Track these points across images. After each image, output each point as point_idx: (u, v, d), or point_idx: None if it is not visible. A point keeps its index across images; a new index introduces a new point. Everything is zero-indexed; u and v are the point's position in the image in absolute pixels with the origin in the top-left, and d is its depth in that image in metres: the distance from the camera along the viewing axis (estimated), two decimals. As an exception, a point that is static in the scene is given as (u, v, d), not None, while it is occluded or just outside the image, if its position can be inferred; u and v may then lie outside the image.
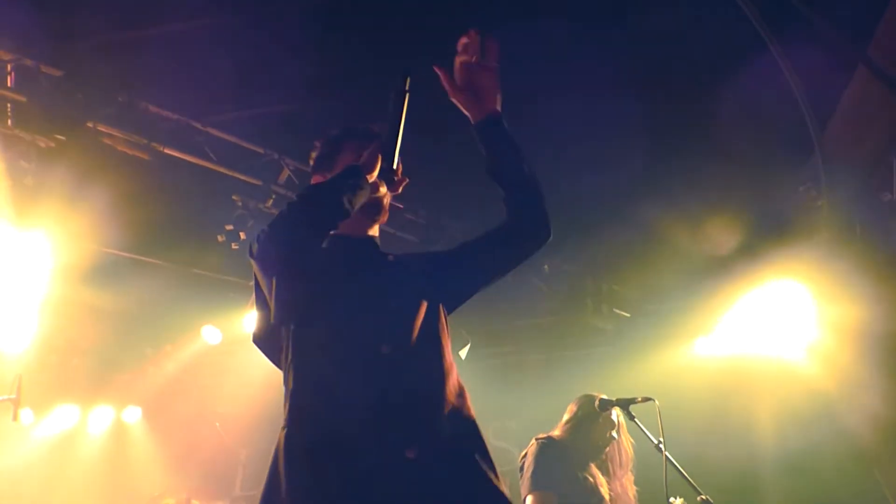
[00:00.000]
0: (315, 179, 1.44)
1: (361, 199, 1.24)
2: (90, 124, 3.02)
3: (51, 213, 3.26)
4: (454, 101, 1.39)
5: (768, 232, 4.15)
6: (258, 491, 1.17)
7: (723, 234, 4.21)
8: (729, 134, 3.70)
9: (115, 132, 3.17)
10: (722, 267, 4.44)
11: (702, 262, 4.43)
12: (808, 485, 4.21)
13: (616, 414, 2.67)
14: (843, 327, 4.07)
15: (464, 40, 1.37)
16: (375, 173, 1.26)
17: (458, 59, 1.37)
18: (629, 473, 2.75)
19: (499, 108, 1.39)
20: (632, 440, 2.79)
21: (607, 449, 2.66)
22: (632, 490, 2.73)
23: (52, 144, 3.03)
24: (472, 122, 1.40)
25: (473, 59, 1.36)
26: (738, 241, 4.24)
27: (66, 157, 3.02)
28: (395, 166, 1.28)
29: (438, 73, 1.37)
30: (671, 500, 2.43)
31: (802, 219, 4.04)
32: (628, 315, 5.28)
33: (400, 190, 1.34)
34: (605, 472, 2.65)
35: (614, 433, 2.66)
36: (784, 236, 4.11)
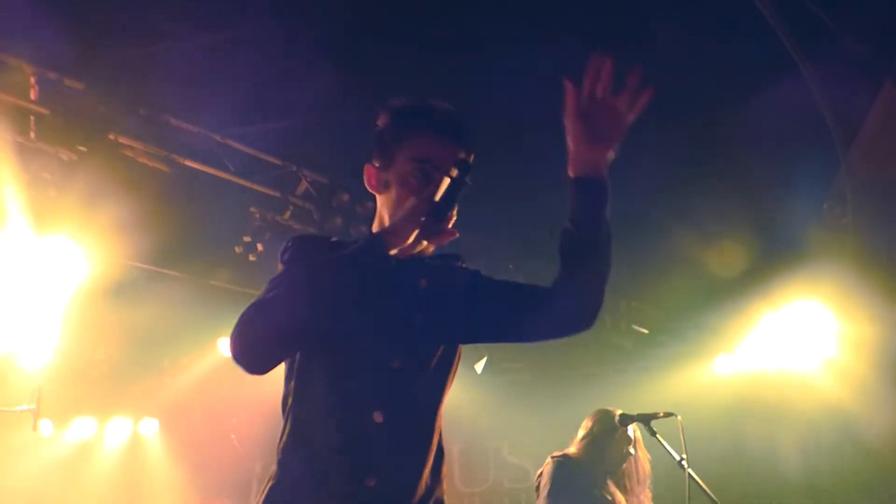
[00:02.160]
0: (367, 171, 1.26)
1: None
2: (111, 136, 3.06)
3: (72, 225, 3.30)
4: (567, 125, 1.17)
5: (791, 250, 4.07)
6: None
7: (744, 253, 4.14)
8: (752, 151, 3.63)
9: (135, 144, 3.21)
10: (744, 286, 4.36)
11: (723, 281, 4.35)
12: (829, 502, 4.09)
13: (633, 429, 2.62)
14: (866, 347, 3.98)
15: (599, 63, 1.13)
16: (411, 238, 1.09)
17: (587, 84, 1.14)
18: (647, 490, 2.68)
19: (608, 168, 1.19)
20: (649, 456, 2.73)
21: (624, 465, 2.60)
22: None
23: (74, 156, 3.07)
24: (575, 172, 1.18)
25: (602, 91, 1.13)
26: (760, 259, 4.17)
27: (88, 169, 3.06)
28: (444, 221, 1.11)
29: (567, 85, 1.16)
30: None
31: (827, 237, 3.95)
32: (647, 332, 5.18)
33: (445, 241, 1.15)
34: (622, 489, 2.59)
35: (631, 449, 2.60)
36: (807, 255, 4.03)
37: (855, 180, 3.67)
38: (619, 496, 2.56)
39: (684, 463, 2.35)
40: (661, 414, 2.47)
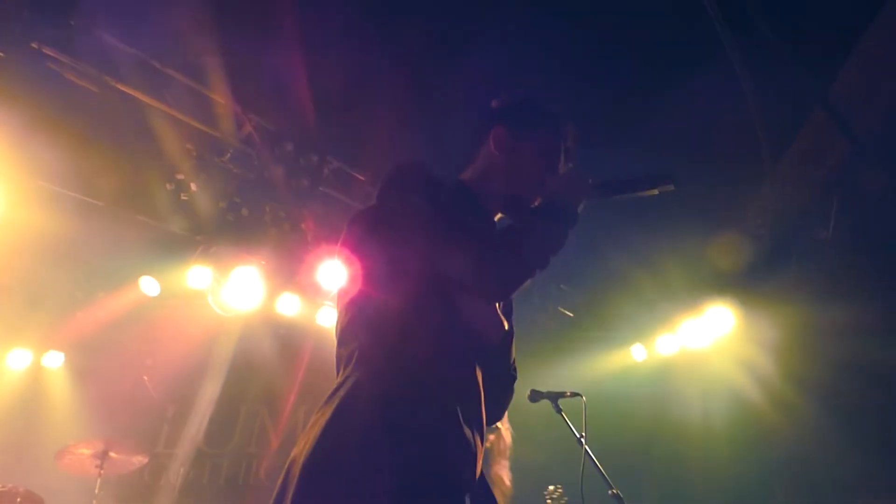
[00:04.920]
0: (498, 131, 1.43)
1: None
2: (34, 45, 2.78)
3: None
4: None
5: (710, 255, 4.34)
6: (181, 449, 1.13)
7: (669, 259, 4.39)
8: (684, 161, 3.78)
9: (62, 58, 2.94)
10: (664, 288, 4.66)
11: (648, 281, 4.62)
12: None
13: None
14: (764, 343, 4.40)
15: None
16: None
17: None
18: (506, 461, 2.92)
19: None
20: (510, 430, 2.95)
21: (491, 436, 2.81)
22: (507, 476, 2.90)
23: (-9, 61, 2.77)
24: None
25: None
26: (683, 263, 4.44)
27: (5, 78, 2.78)
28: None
29: None
30: (549, 487, 2.60)
31: (742, 246, 4.24)
32: (572, 315, 5.41)
33: None
34: (484, 460, 2.81)
35: (498, 423, 2.83)
36: (724, 260, 4.33)
37: (778, 195, 3.93)
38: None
39: (583, 440, 2.52)
40: (568, 393, 2.63)
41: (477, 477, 1.20)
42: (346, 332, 1.22)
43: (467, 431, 1.14)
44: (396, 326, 1.16)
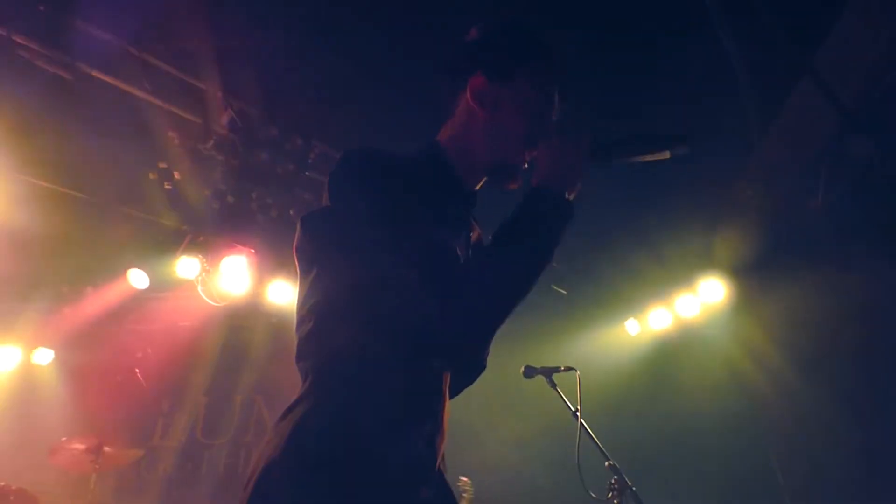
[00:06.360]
0: (478, 81, 1.19)
1: None
2: (2, 31, 2.68)
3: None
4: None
5: (701, 226, 4.35)
6: (176, 441, 1.08)
7: (662, 233, 4.41)
8: (671, 129, 3.76)
9: (33, 45, 2.84)
10: (658, 262, 4.68)
11: (640, 252, 4.64)
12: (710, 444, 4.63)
13: None
14: (757, 316, 4.44)
15: None
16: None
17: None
18: None
19: None
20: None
21: None
22: None
23: (-42, 50, 2.68)
24: None
25: None
26: (676, 237, 4.46)
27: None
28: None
29: None
30: (462, 478, 2.66)
31: (736, 215, 4.25)
32: (565, 292, 5.43)
33: None
34: None
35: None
36: (716, 231, 4.33)
37: (767, 163, 3.94)
38: None
39: (578, 414, 2.54)
40: (563, 368, 2.65)
41: (436, 473, 1.09)
42: (302, 346, 1.11)
43: (424, 449, 1.05)
44: (349, 350, 1.04)
